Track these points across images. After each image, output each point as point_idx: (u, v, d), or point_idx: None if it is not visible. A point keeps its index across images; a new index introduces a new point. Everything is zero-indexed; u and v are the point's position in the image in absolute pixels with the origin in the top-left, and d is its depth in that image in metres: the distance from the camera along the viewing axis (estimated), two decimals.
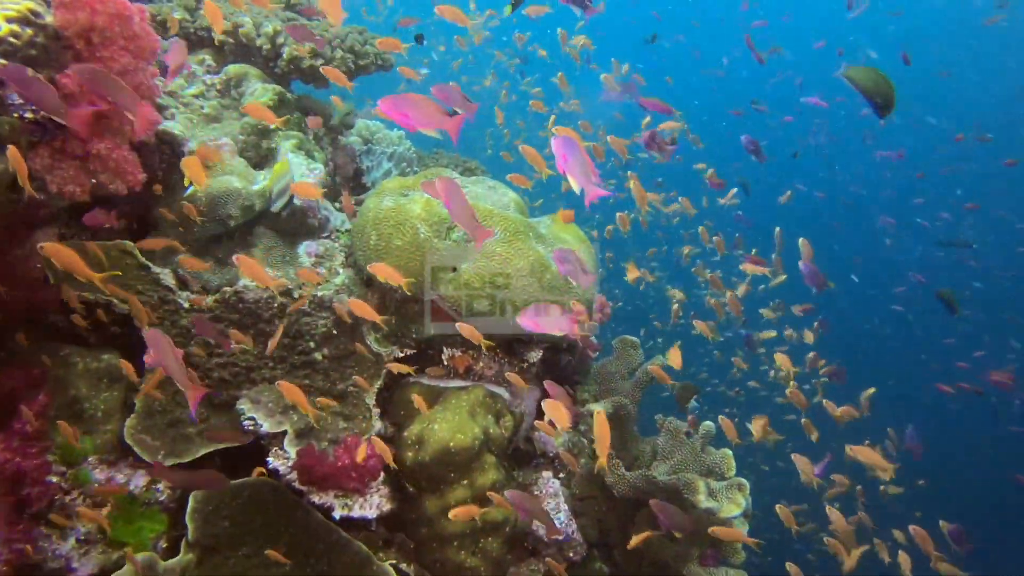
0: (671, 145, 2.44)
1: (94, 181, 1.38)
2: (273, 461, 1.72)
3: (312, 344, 1.93)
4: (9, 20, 1.31)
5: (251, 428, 1.74)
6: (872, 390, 2.73)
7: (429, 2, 2.07)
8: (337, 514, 1.71)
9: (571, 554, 2.03)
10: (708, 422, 2.05)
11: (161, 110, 2.04)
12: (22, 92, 1.22)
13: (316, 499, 1.71)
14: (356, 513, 1.70)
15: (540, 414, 2.24)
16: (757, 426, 2.14)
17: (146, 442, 1.67)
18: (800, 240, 2.11)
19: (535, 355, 2.06)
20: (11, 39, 1.31)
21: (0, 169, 1.31)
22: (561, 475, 2.20)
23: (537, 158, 1.69)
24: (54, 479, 1.48)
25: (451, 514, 1.62)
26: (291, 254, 2.04)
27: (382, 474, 1.82)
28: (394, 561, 1.79)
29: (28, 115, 1.33)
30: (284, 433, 1.77)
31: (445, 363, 2.01)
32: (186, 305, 1.86)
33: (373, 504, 1.73)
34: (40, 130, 1.35)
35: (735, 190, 4.04)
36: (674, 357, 2.10)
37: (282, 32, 2.21)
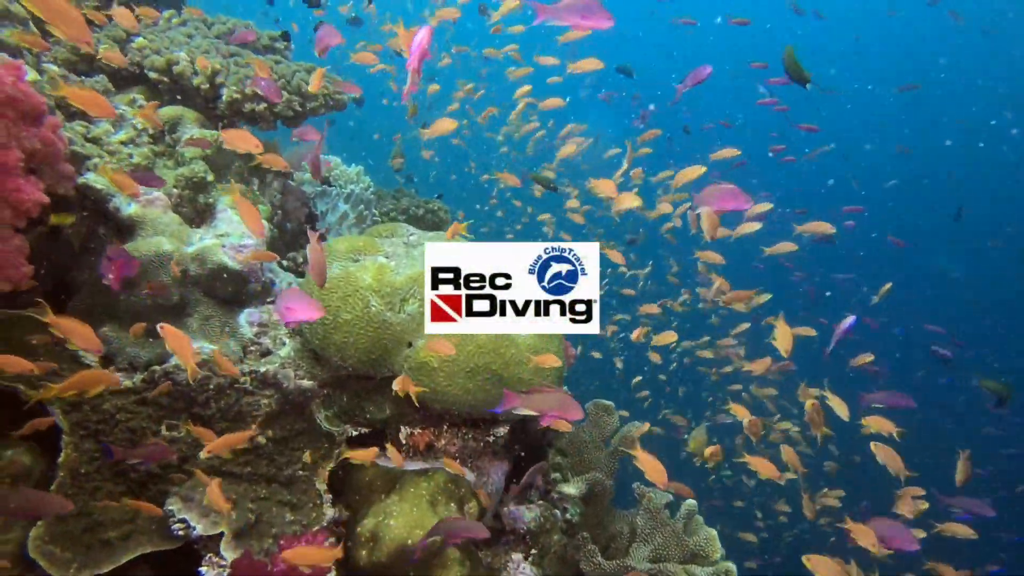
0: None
1: None
2: (207, 572, 1.53)
3: (255, 427, 1.74)
4: None
5: (181, 533, 1.54)
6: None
7: None
8: None
9: None
10: (691, 500, 1.90)
11: (82, 161, 1.82)
12: None
13: None
14: None
15: (509, 488, 2.08)
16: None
17: (55, 555, 1.46)
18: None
19: (502, 430, 1.88)
20: None
21: None
22: (533, 551, 2.04)
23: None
24: None
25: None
26: (232, 323, 1.84)
27: (333, 573, 1.64)
28: None
29: None
30: (221, 535, 1.58)
31: (403, 442, 1.83)
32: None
33: None
34: None
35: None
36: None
37: (222, 71, 1.98)
